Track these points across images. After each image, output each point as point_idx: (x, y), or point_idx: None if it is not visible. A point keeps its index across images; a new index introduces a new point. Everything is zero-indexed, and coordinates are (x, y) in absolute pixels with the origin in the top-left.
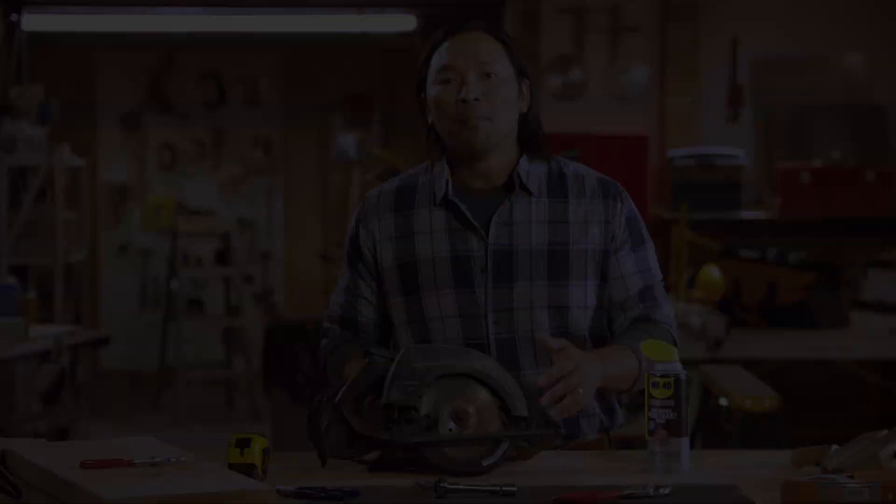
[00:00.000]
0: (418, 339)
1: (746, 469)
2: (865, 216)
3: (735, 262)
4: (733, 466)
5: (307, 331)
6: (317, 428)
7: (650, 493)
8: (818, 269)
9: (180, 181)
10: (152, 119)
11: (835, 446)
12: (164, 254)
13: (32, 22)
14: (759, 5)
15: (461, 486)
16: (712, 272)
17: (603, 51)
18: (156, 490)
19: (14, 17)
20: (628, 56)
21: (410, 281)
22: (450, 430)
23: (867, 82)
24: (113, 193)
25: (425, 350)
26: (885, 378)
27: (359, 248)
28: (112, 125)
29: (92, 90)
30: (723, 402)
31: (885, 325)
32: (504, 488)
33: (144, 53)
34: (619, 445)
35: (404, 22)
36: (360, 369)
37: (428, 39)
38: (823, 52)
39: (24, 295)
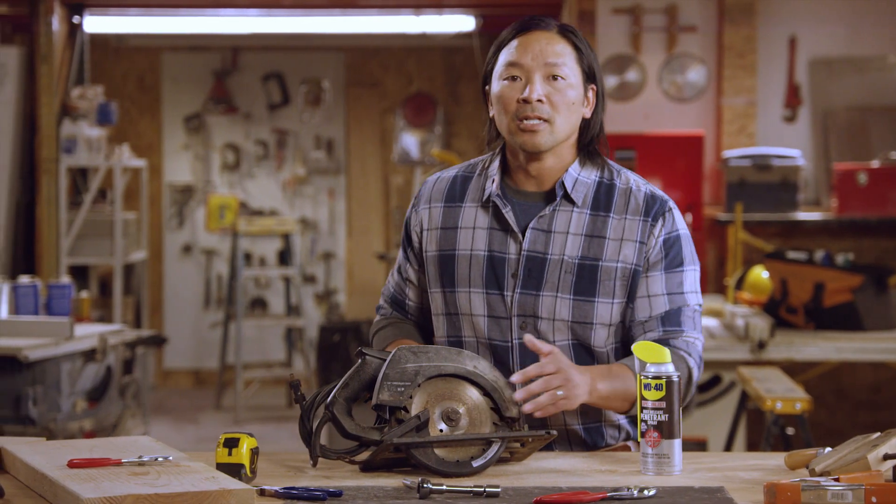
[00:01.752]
0: (450, 333)
1: (740, 471)
2: None
3: (782, 264)
4: (727, 468)
5: (361, 331)
6: (308, 428)
7: (634, 495)
8: (866, 271)
9: (243, 182)
10: (216, 120)
11: (827, 449)
12: (228, 254)
13: (94, 24)
14: (818, 5)
15: (444, 487)
16: (761, 273)
17: (659, 51)
18: (134, 489)
19: (76, 19)
20: (685, 56)
21: (448, 274)
22: (441, 430)
23: None
24: (177, 194)
25: (417, 351)
26: None
27: (410, 233)
28: (176, 126)
29: (157, 91)
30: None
31: None
32: (488, 489)
33: (208, 55)
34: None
35: (463, 22)
36: (353, 369)
37: (499, 33)
38: (882, 52)
39: (78, 294)
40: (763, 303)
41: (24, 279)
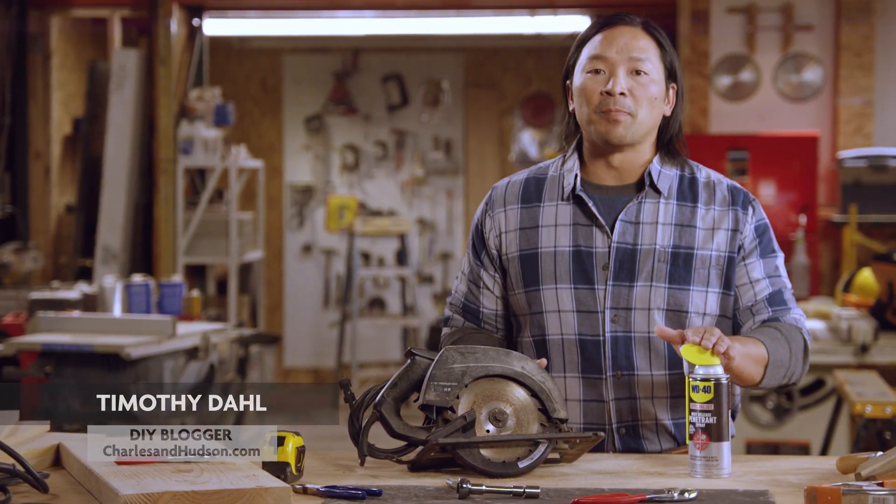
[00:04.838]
0: (535, 332)
1: (791, 475)
2: None
3: (889, 266)
4: (778, 472)
5: None
6: (357, 427)
7: (674, 498)
8: None
9: (363, 182)
10: (336, 121)
11: (879, 453)
12: (346, 253)
13: (214, 27)
14: None
15: (484, 487)
16: (869, 276)
17: (774, 50)
18: (173, 486)
19: (195, 21)
20: (801, 55)
21: (532, 273)
22: (487, 431)
23: None
24: (297, 194)
25: (464, 351)
26: None
27: (484, 238)
28: (297, 127)
29: (278, 92)
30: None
31: None
32: (528, 489)
33: (329, 56)
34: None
35: (577, 22)
36: (402, 369)
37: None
38: None
39: (189, 293)
40: (870, 305)
41: (137, 278)
